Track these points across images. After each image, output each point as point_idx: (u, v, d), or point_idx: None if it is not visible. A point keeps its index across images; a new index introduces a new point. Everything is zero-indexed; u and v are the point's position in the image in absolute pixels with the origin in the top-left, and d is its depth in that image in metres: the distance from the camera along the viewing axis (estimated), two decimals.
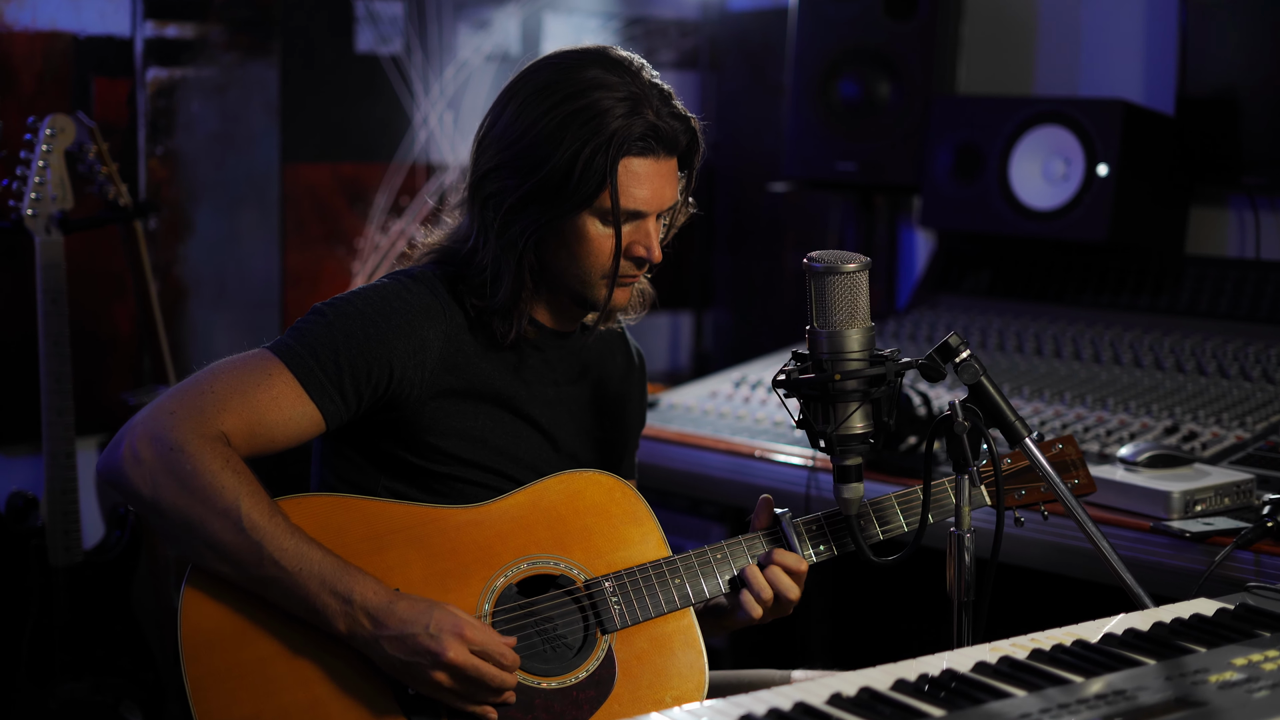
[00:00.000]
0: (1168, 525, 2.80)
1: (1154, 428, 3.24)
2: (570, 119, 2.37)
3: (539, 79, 2.43)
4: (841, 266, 2.31)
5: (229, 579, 2.25)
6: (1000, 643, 1.97)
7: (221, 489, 2.22)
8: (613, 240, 2.42)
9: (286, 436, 2.34)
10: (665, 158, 2.44)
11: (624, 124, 2.37)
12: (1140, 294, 3.81)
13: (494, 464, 2.48)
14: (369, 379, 2.36)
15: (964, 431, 2.27)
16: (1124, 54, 4.13)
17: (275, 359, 2.33)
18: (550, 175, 2.36)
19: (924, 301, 4.14)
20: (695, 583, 2.43)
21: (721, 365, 4.67)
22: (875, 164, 4.20)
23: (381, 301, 2.41)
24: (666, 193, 2.45)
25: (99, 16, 3.94)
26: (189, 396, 2.28)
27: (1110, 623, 2.04)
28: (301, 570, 2.21)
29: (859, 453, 2.35)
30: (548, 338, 2.55)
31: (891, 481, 3.18)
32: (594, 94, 2.38)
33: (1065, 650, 1.93)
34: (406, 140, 4.49)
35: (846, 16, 4.22)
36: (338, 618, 2.22)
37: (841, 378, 2.31)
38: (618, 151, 2.37)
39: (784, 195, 4.78)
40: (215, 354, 2.35)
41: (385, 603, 2.22)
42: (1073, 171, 3.81)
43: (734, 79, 5.05)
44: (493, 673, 2.23)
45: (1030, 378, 3.59)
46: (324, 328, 2.36)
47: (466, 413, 2.46)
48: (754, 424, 3.62)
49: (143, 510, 2.27)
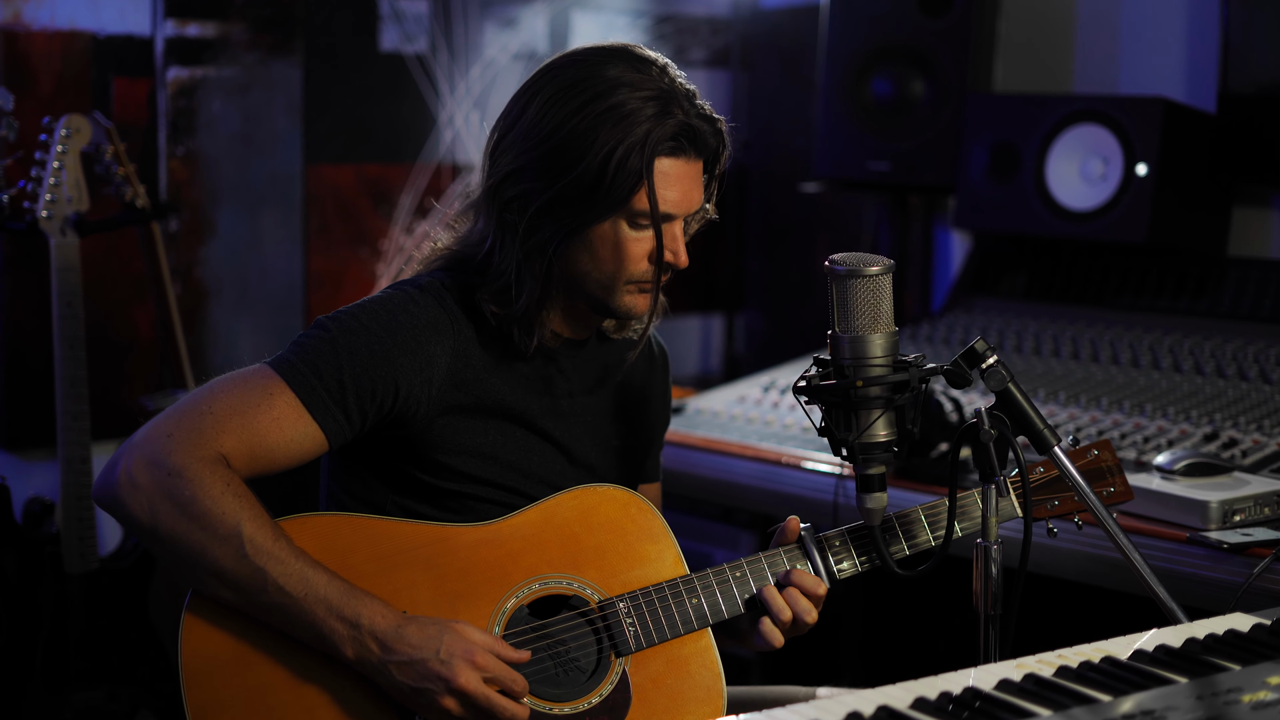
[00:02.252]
0: (1205, 536, 2.74)
1: (1193, 434, 3.17)
2: (601, 119, 2.29)
3: (563, 77, 2.35)
4: (864, 269, 2.26)
5: (232, 605, 2.20)
6: (1026, 659, 1.92)
7: (222, 514, 2.16)
8: (639, 244, 2.35)
9: (288, 457, 2.28)
10: (694, 159, 2.37)
11: (656, 124, 2.30)
12: (1180, 296, 3.74)
13: (506, 480, 2.42)
14: (373, 397, 2.30)
15: (990, 440, 2.22)
16: (1165, 50, 4.07)
17: (276, 377, 2.27)
18: (581, 178, 2.29)
19: (959, 304, 4.09)
20: (713, 602, 2.37)
21: (753, 369, 4.62)
22: (908, 163, 4.15)
23: (387, 316, 2.33)
24: (694, 195, 2.39)
25: (119, 15, 3.92)
26: (187, 417, 2.22)
27: (1141, 639, 1.99)
28: (307, 595, 2.16)
29: (882, 461, 2.30)
30: (563, 347, 2.48)
31: (921, 490, 3.12)
32: (622, 92, 2.30)
33: (1093, 668, 1.88)
34: (432, 140, 4.46)
35: (879, 13, 4.17)
36: (345, 643, 2.17)
37: (864, 384, 2.26)
38: (652, 152, 2.30)
39: (817, 195, 4.74)
40: (236, 357, 2.31)
41: (393, 627, 2.17)
42: (1111, 171, 3.75)
43: (766, 77, 5.02)
44: (502, 703, 2.18)
45: (1066, 382, 3.52)
46: (327, 344, 2.29)
47: (476, 429, 2.39)
48: (782, 430, 3.56)
49: (141, 536, 2.22)
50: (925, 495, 3.09)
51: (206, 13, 4.05)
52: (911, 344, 3.86)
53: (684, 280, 2.56)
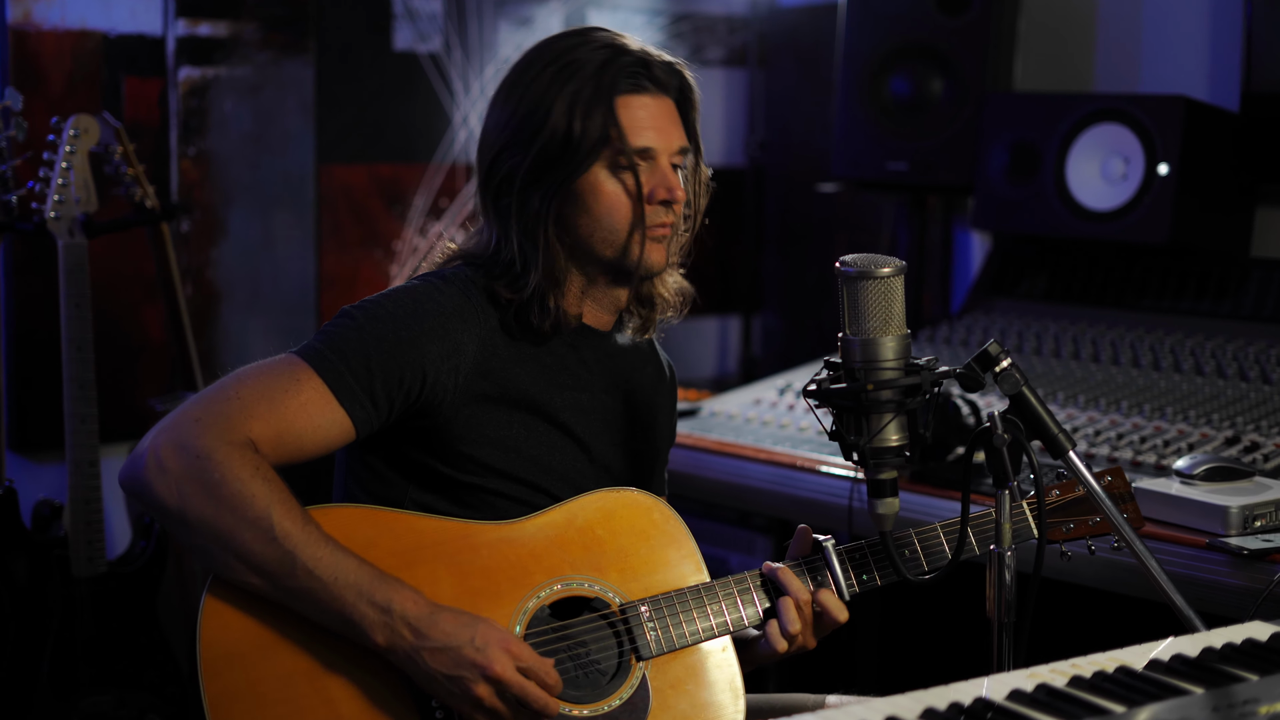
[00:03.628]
0: (1225, 541, 2.70)
1: (1214, 438, 3.12)
2: (555, 78, 2.37)
3: (517, 65, 2.45)
4: (875, 271, 2.23)
5: (259, 591, 2.17)
6: (1039, 668, 1.88)
7: (252, 497, 2.14)
8: (630, 188, 2.38)
9: (315, 444, 2.26)
10: (659, 94, 2.41)
11: (607, 66, 2.37)
12: (1202, 298, 3.70)
13: (526, 475, 2.40)
14: (401, 385, 2.28)
15: (1003, 444, 2.18)
16: (1187, 48, 4.04)
17: (304, 364, 2.26)
18: (551, 137, 2.34)
19: (979, 306, 4.05)
20: (734, 610, 2.35)
21: (770, 371, 4.60)
22: (927, 163, 4.11)
23: (413, 303, 2.33)
24: (673, 132, 2.42)
25: (130, 15, 3.91)
26: (215, 403, 2.21)
27: (1157, 647, 1.95)
28: (337, 580, 2.14)
29: (894, 466, 2.27)
30: (584, 334, 2.48)
31: (937, 494, 3.09)
32: (572, 53, 2.39)
33: (1107, 678, 1.84)
34: (446, 140, 4.44)
35: (897, 11, 4.14)
36: (375, 628, 2.14)
37: (875, 388, 2.23)
38: (609, 91, 2.35)
39: (835, 196, 4.72)
40: (248, 360, 2.30)
41: (427, 613, 2.15)
42: (1132, 171, 3.71)
43: (784, 77, 4.99)
44: (536, 693, 2.16)
45: (1086, 385, 3.48)
46: (354, 331, 2.29)
47: (500, 421, 2.38)
48: (797, 433, 3.52)
49: (167, 522, 2.20)
50: (941, 500, 3.07)
51: (218, 12, 4.04)
52: (930, 346, 3.82)
53: (700, 281, 2.54)
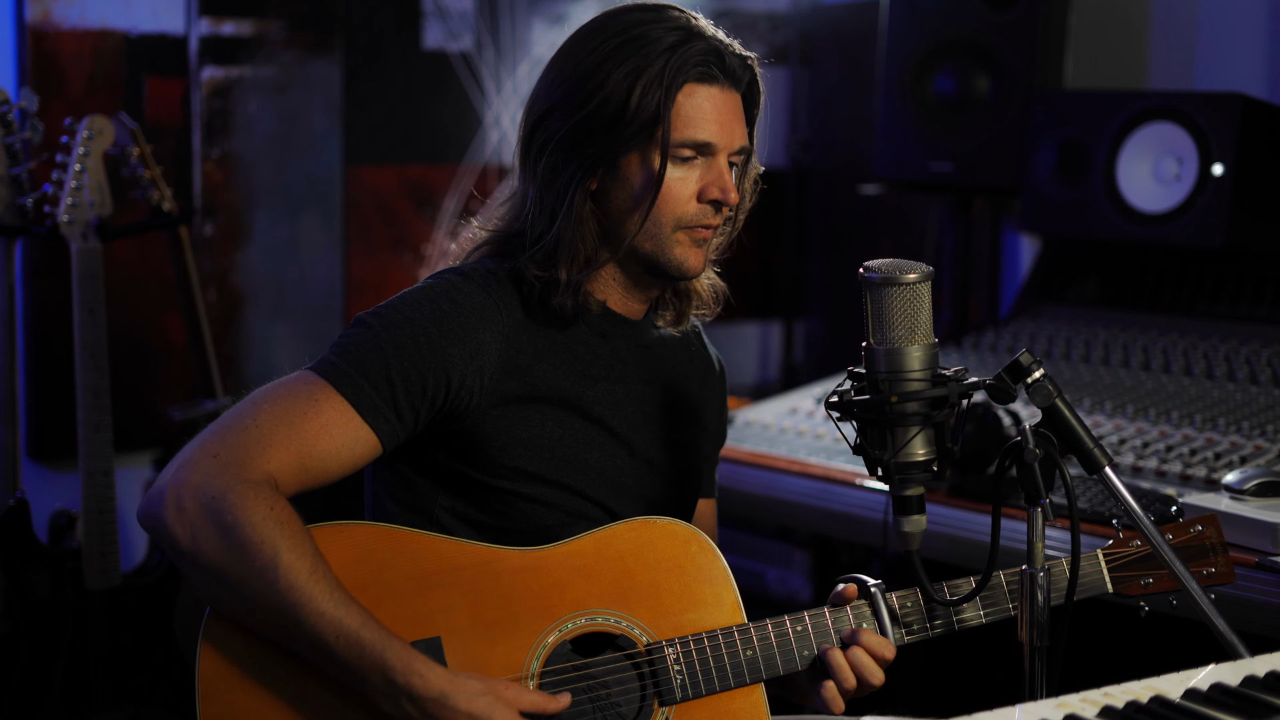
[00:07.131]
0: (1275, 560, 2.59)
1: (1268, 451, 3.00)
2: (620, 49, 2.24)
3: (579, 31, 2.32)
4: (901, 277, 2.12)
5: (261, 635, 2.10)
6: (1069, 698, 1.78)
7: (261, 543, 2.04)
8: (683, 184, 2.27)
9: (341, 466, 2.16)
10: (729, 88, 2.28)
11: (680, 48, 2.23)
12: (1259, 303, 3.57)
13: (562, 477, 2.29)
14: (424, 392, 2.19)
15: (1035, 460, 2.08)
16: (1244, 45, 3.95)
17: (322, 382, 2.16)
18: (603, 105, 2.23)
19: (1026, 311, 3.93)
20: (769, 656, 2.23)
21: (812, 378, 4.53)
22: (972, 164, 4.00)
23: (430, 305, 2.23)
24: (737, 130, 2.29)
25: (151, 14, 3.87)
26: (232, 434, 2.12)
27: (1196, 675, 1.85)
28: (339, 638, 2.04)
29: (920, 482, 2.16)
30: (613, 322, 2.37)
31: (975, 509, 2.98)
32: (643, 28, 2.25)
33: (1140, 709, 1.75)
34: (477, 141, 4.40)
35: (942, 6, 4.04)
36: (378, 695, 2.06)
37: (899, 400, 2.12)
38: (676, 74, 2.22)
39: (879, 197, 4.64)
40: (273, 366, 2.21)
41: (437, 693, 2.04)
42: (1186, 171, 3.59)
43: (827, 75, 4.94)
44: None
45: (1135, 394, 3.35)
46: (370, 340, 2.19)
47: (532, 420, 2.27)
48: (833, 444, 3.41)
49: (179, 561, 2.11)
50: (979, 514, 2.98)
51: (243, 10, 4.00)
52: (975, 353, 3.70)
53: (741, 286, 2.44)
